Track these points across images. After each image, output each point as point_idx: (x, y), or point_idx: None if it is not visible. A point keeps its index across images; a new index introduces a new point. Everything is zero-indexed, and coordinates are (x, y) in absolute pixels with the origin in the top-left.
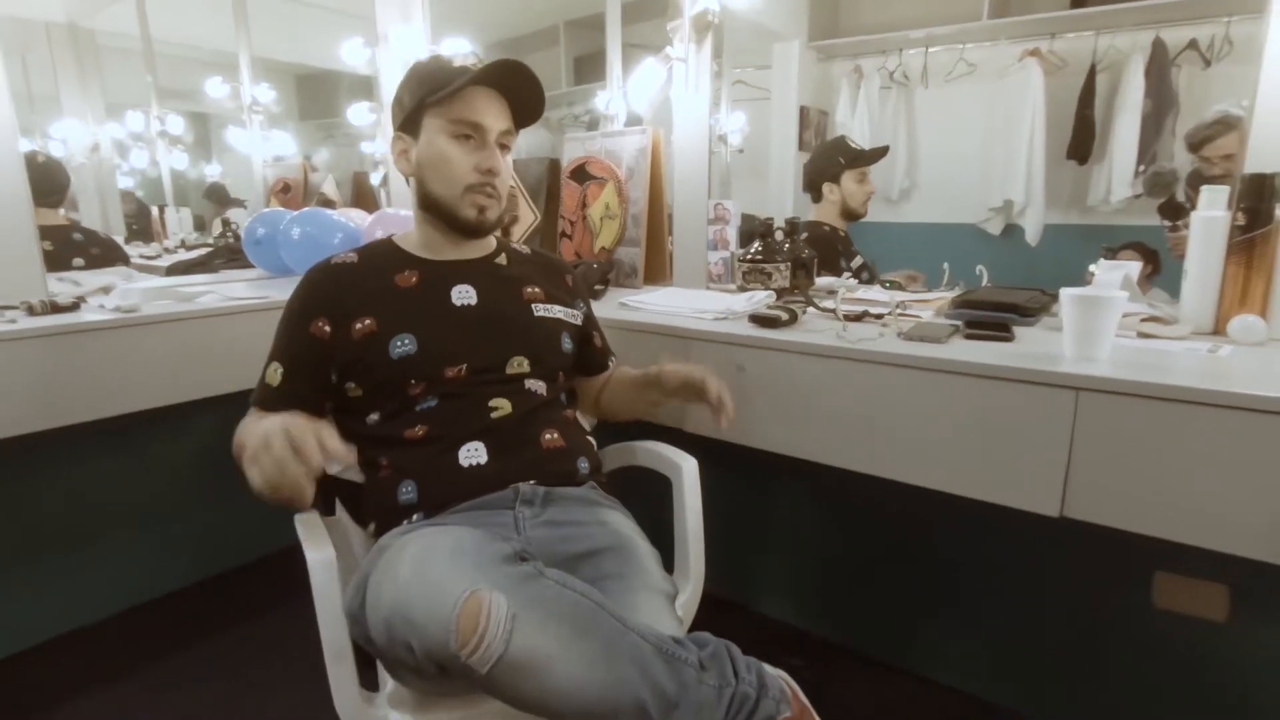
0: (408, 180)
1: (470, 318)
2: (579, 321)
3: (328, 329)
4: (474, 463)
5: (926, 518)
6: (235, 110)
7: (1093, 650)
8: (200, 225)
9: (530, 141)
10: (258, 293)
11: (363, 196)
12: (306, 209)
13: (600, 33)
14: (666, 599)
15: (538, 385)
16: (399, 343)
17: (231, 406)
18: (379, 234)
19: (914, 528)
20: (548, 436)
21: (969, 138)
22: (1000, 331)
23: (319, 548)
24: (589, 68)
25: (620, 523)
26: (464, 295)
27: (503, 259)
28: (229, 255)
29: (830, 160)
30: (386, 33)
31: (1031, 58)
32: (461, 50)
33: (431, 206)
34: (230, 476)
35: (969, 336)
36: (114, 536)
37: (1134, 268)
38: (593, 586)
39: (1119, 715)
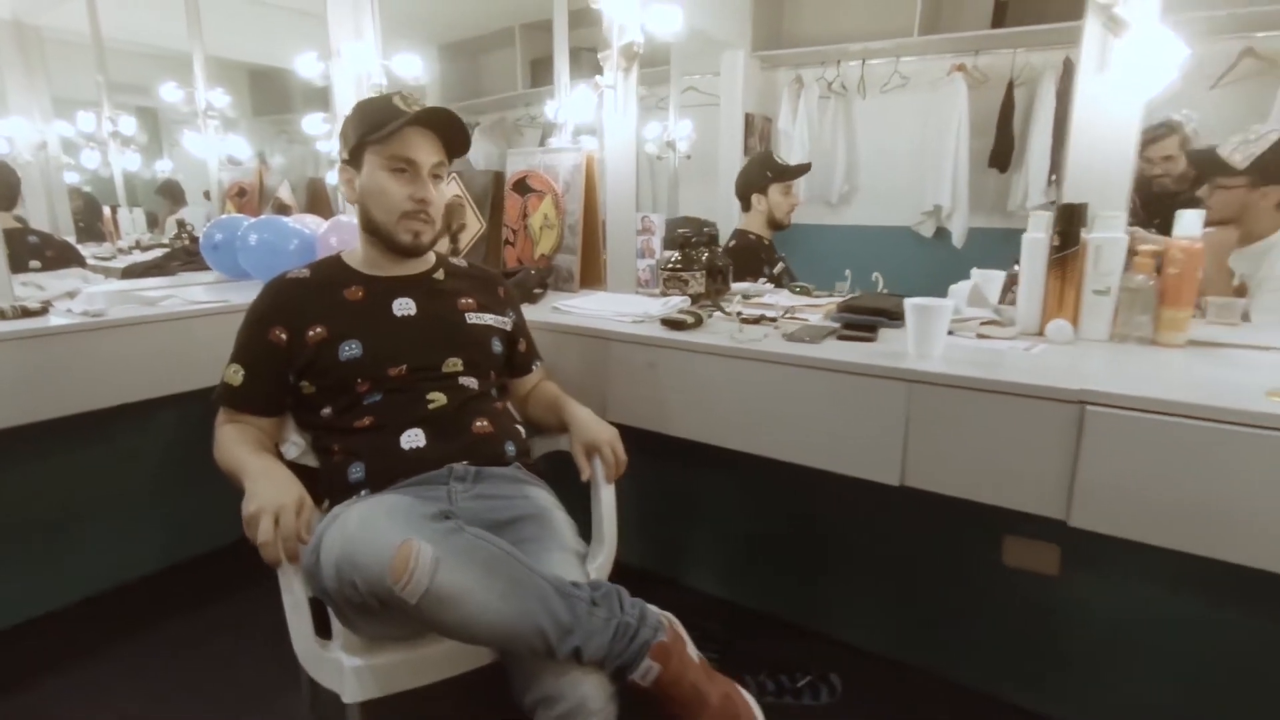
0: (354, 204)
1: (410, 326)
2: (508, 328)
3: (284, 336)
4: (414, 446)
5: (821, 493)
6: (190, 114)
7: (959, 601)
8: (153, 223)
9: (480, 153)
10: (217, 296)
11: (318, 201)
12: (263, 217)
13: None
14: (576, 556)
15: (470, 381)
16: (347, 347)
17: (193, 402)
18: (334, 241)
19: (810, 503)
20: (478, 424)
21: (902, 146)
22: (867, 333)
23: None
24: (545, 70)
25: (540, 496)
26: (404, 307)
27: (440, 274)
28: (185, 258)
29: (758, 174)
30: (339, 48)
31: (958, 72)
32: (412, 70)
33: (373, 230)
34: (191, 467)
35: (841, 338)
36: (83, 525)
37: (993, 277)
38: (514, 546)
39: (979, 651)
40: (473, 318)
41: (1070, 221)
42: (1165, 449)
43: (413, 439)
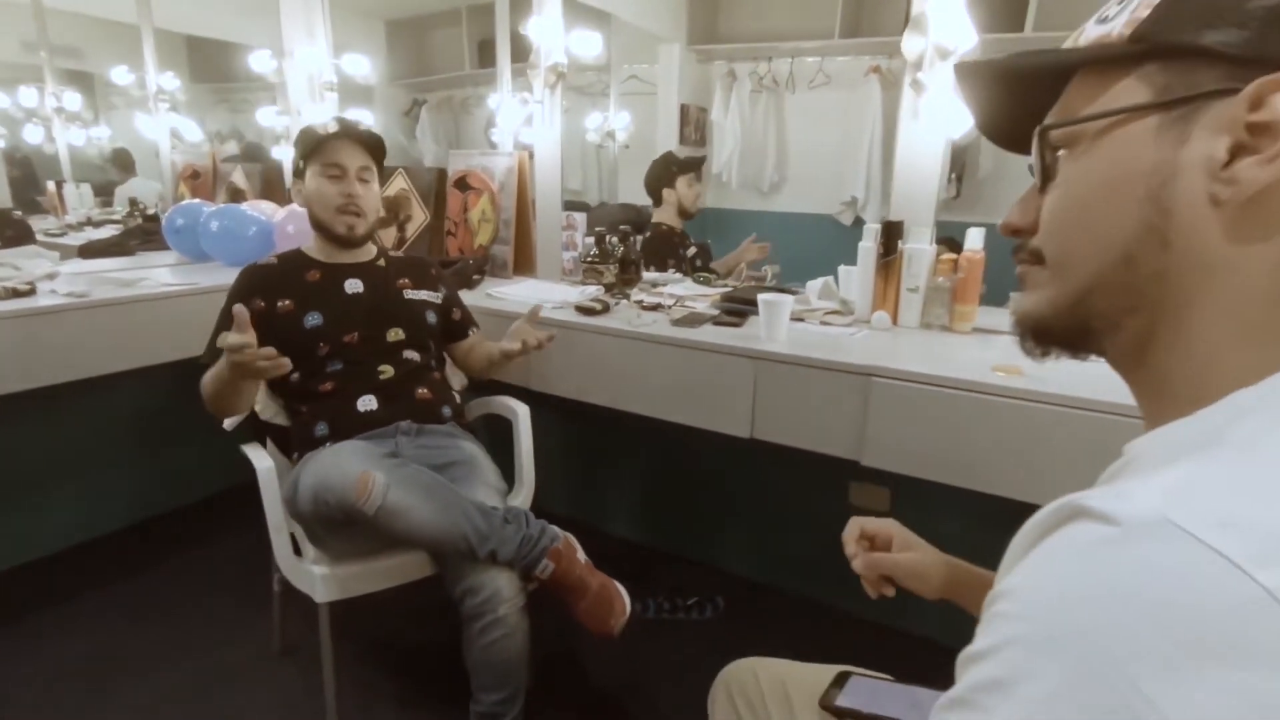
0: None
1: (359, 301)
2: (439, 300)
3: (261, 304)
4: (368, 409)
5: (709, 450)
6: (141, 98)
7: (817, 535)
8: (101, 192)
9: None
10: (184, 279)
11: (271, 188)
12: (224, 205)
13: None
14: (497, 491)
15: (413, 354)
16: (310, 317)
17: (159, 374)
18: (290, 229)
19: (700, 458)
20: (420, 392)
21: (826, 139)
22: (737, 319)
23: (263, 461)
24: (491, 50)
25: (470, 447)
26: (354, 286)
27: (382, 262)
28: (143, 237)
29: (664, 170)
30: (293, 50)
31: (874, 73)
32: (360, 69)
33: (318, 226)
34: (160, 432)
35: (716, 323)
36: (60, 484)
37: (843, 276)
38: (448, 482)
39: (833, 575)
40: (409, 294)
41: (891, 235)
42: (922, 408)
43: (367, 403)
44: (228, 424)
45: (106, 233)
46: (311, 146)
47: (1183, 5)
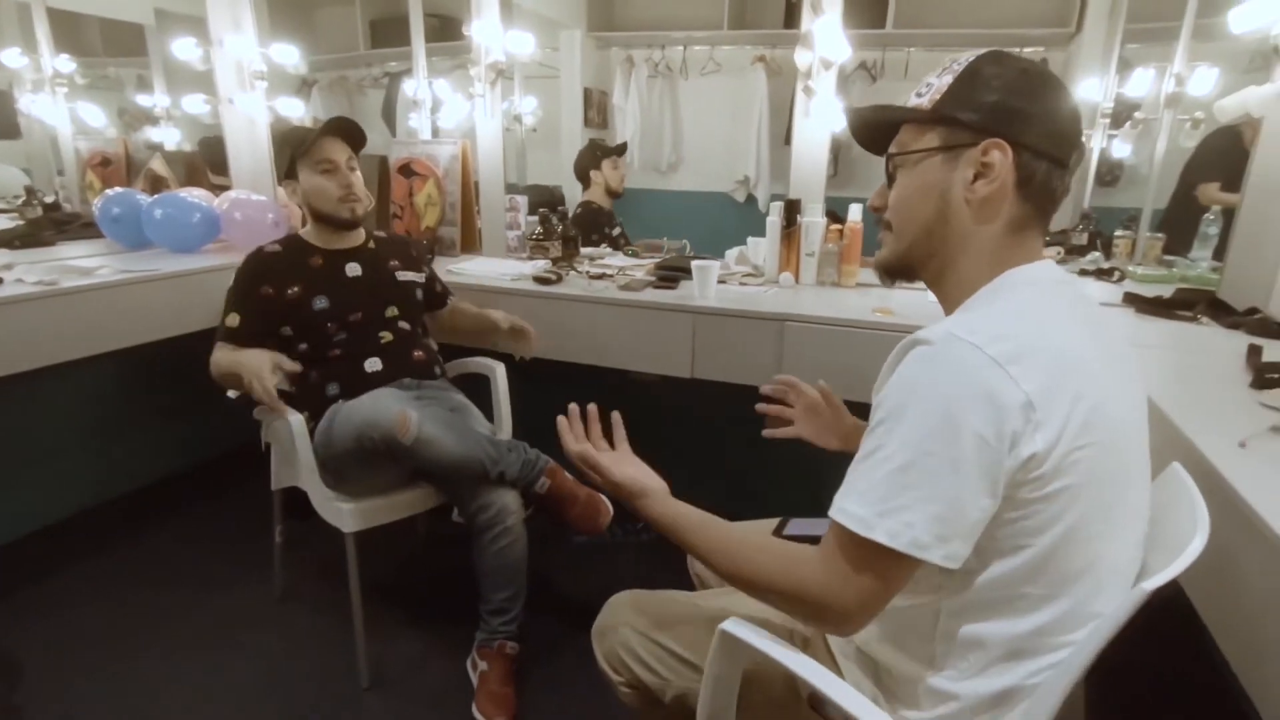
0: (300, 207)
1: (360, 283)
2: (423, 279)
3: (270, 291)
4: (374, 369)
5: (660, 394)
6: (38, 81)
7: (757, 462)
8: None
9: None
10: (132, 265)
11: (194, 173)
12: (166, 193)
13: None
14: (488, 428)
15: (405, 325)
16: (318, 301)
17: (124, 359)
18: (237, 215)
19: (650, 400)
20: (416, 354)
21: (719, 122)
22: (671, 284)
23: (295, 416)
24: (385, 31)
25: (460, 396)
26: (354, 270)
27: (372, 244)
28: (55, 226)
29: (591, 156)
30: (221, 39)
31: (759, 63)
32: (290, 58)
33: (321, 217)
34: (127, 411)
35: (655, 286)
36: (38, 464)
37: (753, 245)
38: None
39: (769, 493)
40: (401, 275)
41: (791, 210)
42: (824, 343)
43: (373, 365)
44: (231, 393)
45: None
46: (300, 145)
47: (954, 95)
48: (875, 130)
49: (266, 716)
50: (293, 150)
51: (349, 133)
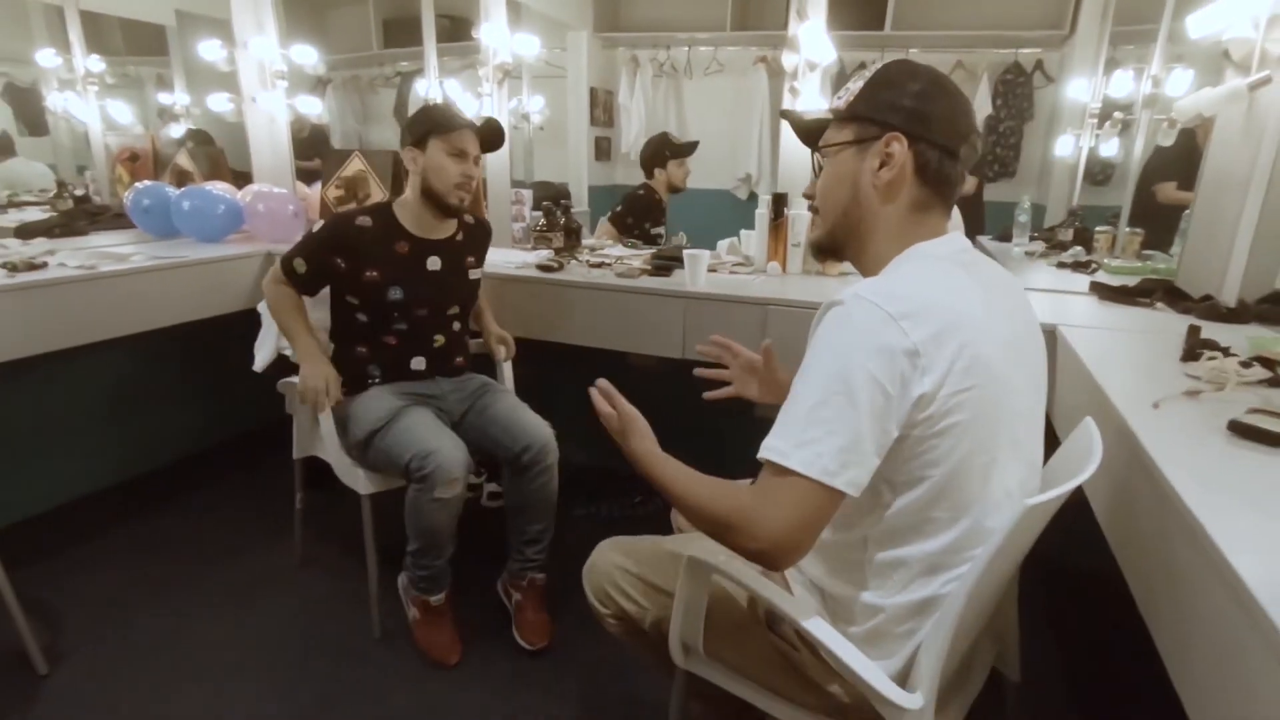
0: (410, 176)
1: (436, 279)
2: (481, 276)
3: (342, 265)
4: (418, 368)
5: (653, 375)
6: (70, 80)
7: (741, 440)
8: None
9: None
10: (167, 253)
11: (217, 168)
12: (192, 187)
13: None
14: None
15: (458, 324)
16: (392, 291)
17: (152, 340)
18: (260, 208)
19: (643, 381)
20: (458, 360)
21: (722, 121)
22: (665, 272)
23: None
24: (398, 31)
25: (481, 378)
26: (434, 264)
27: (460, 235)
28: (88, 217)
29: (659, 152)
30: (246, 41)
31: (761, 63)
32: (309, 59)
33: (430, 195)
34: (155, 390)
35: (650, 274)
36: (76, 436)
37: (744, 237)
38: (480, 403)
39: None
40: (473, 274)
41: (779, 204)
42: (803, 326)
43: (418, 364)
44: (258, 365)
45: (14, 218)
46: (441, 125)
47: (863, 98)
48: (809, 129)
49: (286, 663)
50: (432, 126)
51: (490, 136)
